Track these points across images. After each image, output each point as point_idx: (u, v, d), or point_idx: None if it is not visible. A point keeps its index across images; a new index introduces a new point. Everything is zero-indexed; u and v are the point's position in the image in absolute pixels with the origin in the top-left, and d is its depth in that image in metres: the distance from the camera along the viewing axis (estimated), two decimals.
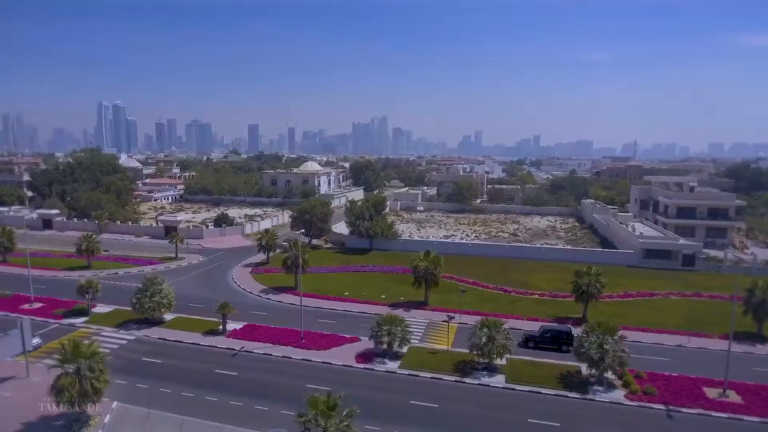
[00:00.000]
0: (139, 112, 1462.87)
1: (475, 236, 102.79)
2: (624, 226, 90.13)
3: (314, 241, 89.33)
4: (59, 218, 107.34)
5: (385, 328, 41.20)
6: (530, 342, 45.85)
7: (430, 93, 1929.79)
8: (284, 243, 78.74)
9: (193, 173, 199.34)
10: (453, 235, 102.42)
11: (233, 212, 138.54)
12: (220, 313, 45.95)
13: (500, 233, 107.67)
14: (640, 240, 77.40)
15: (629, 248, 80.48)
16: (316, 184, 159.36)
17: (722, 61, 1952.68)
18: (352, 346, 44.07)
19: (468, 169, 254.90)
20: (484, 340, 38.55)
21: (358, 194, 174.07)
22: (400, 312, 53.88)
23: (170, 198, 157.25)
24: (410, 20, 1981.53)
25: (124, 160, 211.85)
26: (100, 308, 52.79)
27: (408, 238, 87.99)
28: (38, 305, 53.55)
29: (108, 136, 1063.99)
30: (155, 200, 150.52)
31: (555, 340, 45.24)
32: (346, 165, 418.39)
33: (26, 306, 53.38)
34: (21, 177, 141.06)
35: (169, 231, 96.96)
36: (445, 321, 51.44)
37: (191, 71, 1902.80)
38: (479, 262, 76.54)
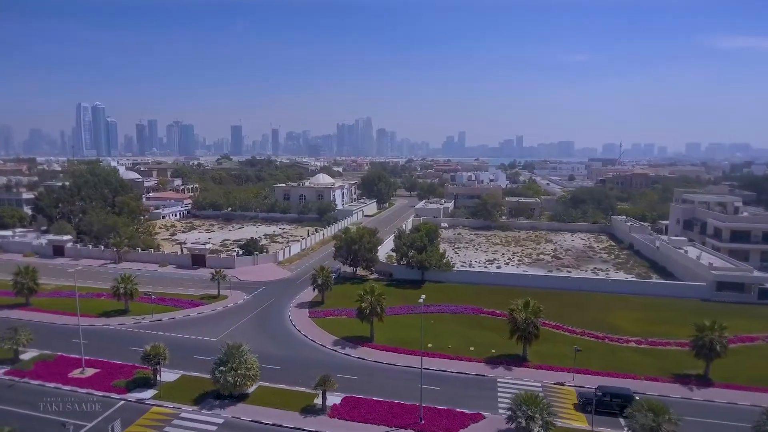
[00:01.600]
0: (119, 113, 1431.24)
1: (519, 260, 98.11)
2: (682, 251, 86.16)
3: (359, 271, 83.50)
4: (70, 244, 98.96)
5: (524, 410, 35.69)
6: (588, 406, 41.07)
7: (413, 94, 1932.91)
8: (334, 274, 72.53)
9: (196, 185, 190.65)
10: (495, 260, 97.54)
11: (249, 230, 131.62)
12: (320, 389, 39.81)
13: (541, 255, 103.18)
14: (714, 272, 73.32)
15: (696, 279, 76.41)
16: (332, 198, 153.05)
17: (697, 62, 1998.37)
18: (478, 426, 38.44)
19: (473, 177, 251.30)
20: (651, 425, 33.34)
21: (371, 207, 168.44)
22: (500, 370, 48.70)
23: (178, 214, 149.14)
24: (394, 21, 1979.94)
25: (121, 171, 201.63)
26: (165, 374, 46.07)
27: (462, 269, 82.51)
28: (91, 372, 46.51)
29: (87, 137, 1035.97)
30: (163, 217, 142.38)
31: (615, 404, 40.74)
32: (340, 170, 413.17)
33: (77, 373, 46.31)
34: (19, 194, 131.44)
35: (197, 260, 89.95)
36: (558, 384, 46.21)
37: (172, 72, 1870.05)
38: (545, 297, 71.17)
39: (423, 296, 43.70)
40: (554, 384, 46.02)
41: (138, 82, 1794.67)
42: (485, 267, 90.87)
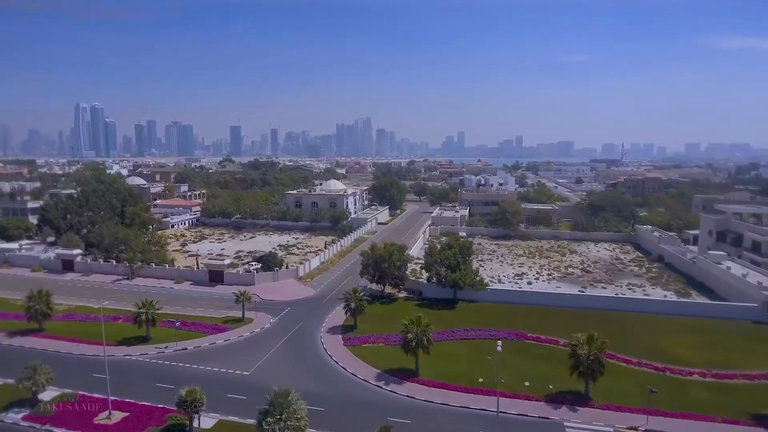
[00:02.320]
0: (118, 114, 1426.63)
1: (548, 274, 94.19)
2: (723, 267, 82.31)
3: (387, 289, 79.41)
4: (80, 258, 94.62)
5: None
6: None
7: (413, 94, 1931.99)
8: (367, 298, 67.83)
9: (203, 191, 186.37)
10: (524, 274, 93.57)
11: (261, 239, 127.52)
12: None
13: (570, 268, 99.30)
14: (765, 292, 69.41)
15: (742, 298, 72.64)
16: (345, 205, 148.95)
17: (697, 62, 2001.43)
18: None
19: (483, 181, 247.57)
20: None
21: (384, 214, 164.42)
22: (564, 411, 44.69)
23: (187, 222, 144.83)
24: (393, 21, 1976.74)
25: (124, 174, 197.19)
26: (201, 419, 41.91)
27: (496, 288, 78.40)
28: (119, 416, 42.35)
29: (85, 138, 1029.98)
30: (172, 226, 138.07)
31: None
32: (343, 171, 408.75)
33: (104, 417, 42.17)
34: (24, 203, 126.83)
35: (215, 276, 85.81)
36: (632, 428, 42.23)
37: (171, 72, 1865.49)
38: (586, 318, 67.60)
39: (500, 343, 39.56)
40: (627, 429, 42.06)
41: (137, 82, 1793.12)
42: (516, 283, 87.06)
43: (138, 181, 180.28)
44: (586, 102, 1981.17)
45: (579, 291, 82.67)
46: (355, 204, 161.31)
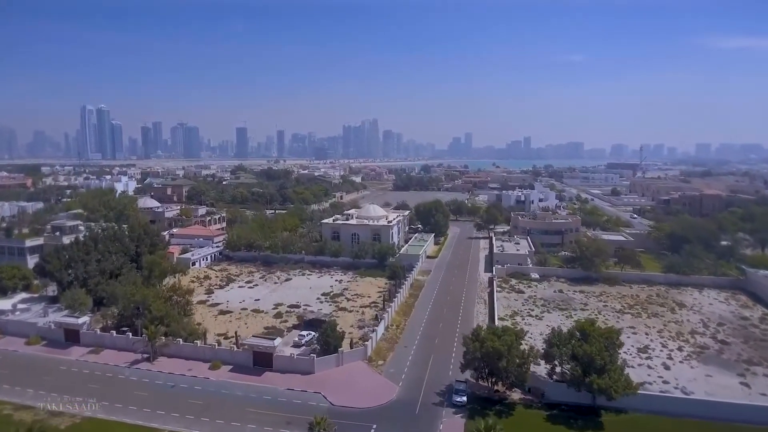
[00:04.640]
0: (123, 115, 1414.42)
1: (679, 348, 73.95)
2: None
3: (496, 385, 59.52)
4: (86, 326, 75.01)
5: None
6: None
7: (419, 95, 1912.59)
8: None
9: (223, 213, 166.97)
10: (648, 348, 73.37)
11: (299, 283, 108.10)
12: None
13: (695, 335, 79.25)
14: None
15: None
16: (390, 237, 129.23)
17: (702, 62, 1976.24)
18: None
19: (523, 197, 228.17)
20: None
21: (430, 244, 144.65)
22: None
23: (209, 257, 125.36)
24: (398, 22, 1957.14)
25: (131, 187, 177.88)
26: None
27: (649, 392, 58.17)
28: None
29: (92, 140, 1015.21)
30: (193, 264, 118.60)
31: None
32: (358, 179, 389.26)
33: None
34: (22, 242, 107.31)
35: (261, 359, 66.26)
36: None
37: (177, 73, 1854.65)
38: None
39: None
40: None
41: (142, 83, 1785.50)
42: (647, 365, 67.39)
43: (151, 203, 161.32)
44: (593, 103, 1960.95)
45: (740, 383, 62.97)
46: (399, 233, 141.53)
